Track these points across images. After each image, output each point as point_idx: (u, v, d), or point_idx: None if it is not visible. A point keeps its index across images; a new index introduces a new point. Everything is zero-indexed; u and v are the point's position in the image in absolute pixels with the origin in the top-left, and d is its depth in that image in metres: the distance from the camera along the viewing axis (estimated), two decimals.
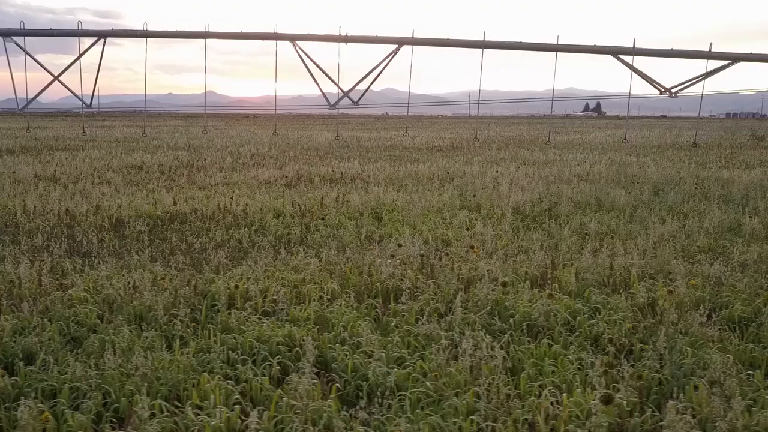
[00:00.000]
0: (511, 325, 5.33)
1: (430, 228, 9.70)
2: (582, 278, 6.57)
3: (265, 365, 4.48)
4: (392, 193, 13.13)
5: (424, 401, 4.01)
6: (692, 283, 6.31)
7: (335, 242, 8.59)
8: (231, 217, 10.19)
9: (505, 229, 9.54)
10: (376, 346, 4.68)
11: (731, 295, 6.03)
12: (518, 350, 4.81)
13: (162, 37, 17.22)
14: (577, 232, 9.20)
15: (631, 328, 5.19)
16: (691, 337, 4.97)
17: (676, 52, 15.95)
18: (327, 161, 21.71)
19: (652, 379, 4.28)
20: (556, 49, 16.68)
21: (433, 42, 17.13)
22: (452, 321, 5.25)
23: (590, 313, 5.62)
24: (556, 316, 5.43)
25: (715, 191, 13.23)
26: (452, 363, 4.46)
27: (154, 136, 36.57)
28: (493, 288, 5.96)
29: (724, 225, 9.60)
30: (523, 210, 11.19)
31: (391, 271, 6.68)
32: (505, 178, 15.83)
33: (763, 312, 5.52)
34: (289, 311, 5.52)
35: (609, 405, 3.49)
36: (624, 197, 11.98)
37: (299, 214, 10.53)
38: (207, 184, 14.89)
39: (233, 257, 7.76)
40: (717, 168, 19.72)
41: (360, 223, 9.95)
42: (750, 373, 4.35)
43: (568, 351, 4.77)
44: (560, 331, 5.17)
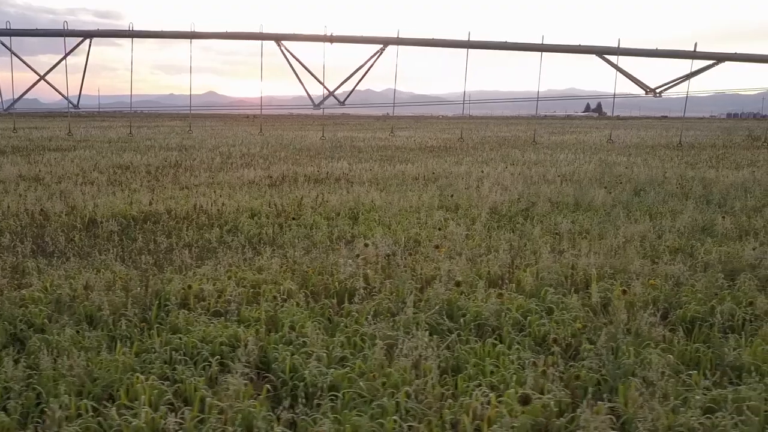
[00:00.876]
0: (461, 324, 5.31)
1: (405, 228, 9.68)
2: (541, 278, 6.54)
3: (205, 365, 4.47)
4: (374, 193, 13.10)
5: (357, 401, 3.99)
6: (651, 283, 6.29)
7: (306, 242, 8.59)
8: (205, 217, 10.18)
9: (478, 229, 9.51)
10: (318, 347, 4.66)
11: (688, 295, 6.01)
12: (463, 350, 4.79)
13: (147, 37, 17.22)
14: (549, 232, 9.17)
15: (581, 328, 5.17)
16: (638, 337, 4.95)
17: (661, 52, 15.91)
18: (317, 161, 21.69)
19: (589, 379, 4.26)
20: (541, 49, 16.66)
21: (418, 42, 17.12)
22: (400, 321, 5.24)
23: (544, 312, 5.60)
24: (507, 316, 5.41)
25: (697, 191, 13.20)
26: (394, 362, 4.45)
27: (149, 137, 36.56)
28: (448, 288, 5.94)
29: (698, 225, 9.57)
30: (500, 210, 11.17)
31: (352, 270, 6.67)
32: (489, 178, 15.81)
33: (716, 312, 5.49)
34: (240, 311, 5.51)
35: (526, 405, 3.47)
36: (603, 197, 11.94)
37: (274, 214, 10.52)
38: (190, 184, 14.88)
39: (200, 257, 7.75)
40: (706, 168, 19.67)
41: (334, 223, 9.93)
42: (690, 373, 4.33)
43: (512, 351, 4.75)
44: (509, 331, 5.15)
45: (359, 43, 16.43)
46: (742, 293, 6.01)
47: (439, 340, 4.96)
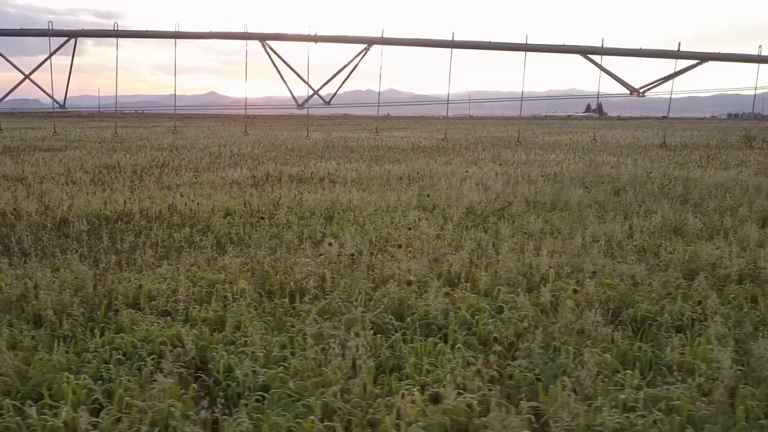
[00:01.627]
0: (408, 324, 5.29)
1: (377, 228, 9.67)
2: (498, 277, 6.53)
3: (140, 365, 4.45)
4: (355, 193, 13.10)
5: (285, 401, 3.98)
6: (607, 282, 6.28)
7: (275, 242, 8.58)
8: (178, 216, 10.18)
9: (450, 228, 9.50)
10: (258, 346, 4.65)
11: (643, 295, 5.99)
12: (405, 349, 4.78)
13: (132, 36, 17.20)
14: (520, 232, 9.16)
15: (526, 328, 5.15)
16: (582, 336, 4.94)
17: (645, 52, 15.87)
18: (306, 161, 21.68)
19: (523, 378, 4.24)
20: (526, 48, 16.63)
21: (403, 42, 17.10)
22: (344, 320, 5.23)
23: (494, 312, 5.58)
24: (454, 315, 5.40)
25: (676, 191, 13.17)
26: (331, 362, 4.44)
27: (144, 137, 36.57)
28: (400, 287, 5.93)
29: (669, 225, 9.54)
30: (476, 210, 11.16)
31: (310, 270, 6.66)
32: (473, 178, 15.80)
33: (665, 311, 5.47)
34: (188, 311, 5.50)
35: (437, 404, 3.46)
36: (581, 197, 11.92)
37: (248, 214, 10.51)
38: (173, 183, 14.88)
39: (164, 257, 7.74)
40: (694, 168, 19.63)
41: (307, 223, 9.92)
42: (626, 372, 4.31)
43: (454, 350, 4.73)
44: (455, 330, 5.13)
45: (344, 42, 16.41)
46: (695, 292, 5.98)
47: (383, 339, 4.95)
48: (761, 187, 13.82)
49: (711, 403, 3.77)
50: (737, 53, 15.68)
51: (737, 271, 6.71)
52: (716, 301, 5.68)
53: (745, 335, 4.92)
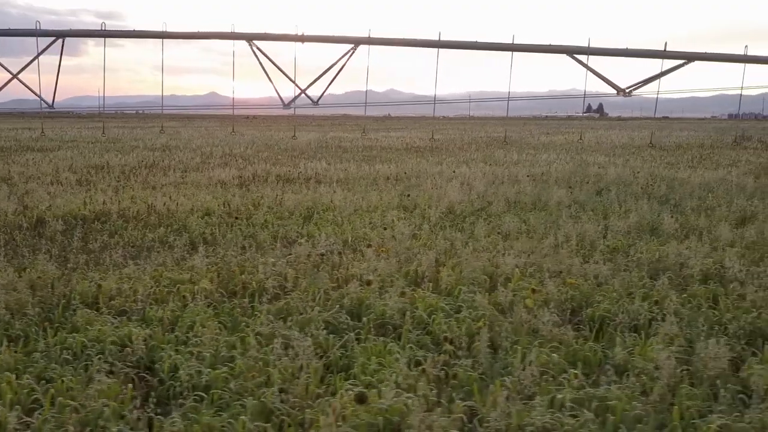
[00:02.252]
0: (364, 323, 5.28)
1: (355, 228, 9.67)
2: (463, 276, 6.52)
3: (87, 365, 4.45)
4: (339, 193, 13.09)
5: (225, 401, 3.97)
6: (570, 281, 6.27)
7: (249, 242, 8.57)
8: (156, 216, 10.18)
9: (426, 228, 9.49)
10: (206, 346, 4.65)
11: (605, 294, 5.98)
12: (356, 349, 4.77)
13: (119, 37, 17.18)
14: (494, 231, 9.15)
15: (480, 327, 5.14)
16: (531, 336, 4.93)
17: (632, 52, 15.85)
18: (297, 161, 21.67)
19: (466, 378, 4.23)
20: (512, 48, 16.63)
21: (389, 42, 17.09)
22: (301, 320, 5.22)
23: (453, 311, 5.57)
24: (413, 315, 5.39)
25: (660, 191, 13.14)
26: (278, 362, 4.43)
27: (139, 137, 36.57)
28: (361, 287, 5.93)
29: (646, 224, 9.52)
30: (456, 210, 11.14)
31: (276, 270, 6.67)
32: (459, 178, 15.79)
33: (622, 311, 5.46)
34: (146, 311, 5.49)
35: (362, 404, 3.45)
36: (561, 197, 11.90)
37: (227, 214, 10.51)
38: (159, 184, 14.87)
39: (135, 257, 7.73)
40: (684, 168, 19.60)
41: (285, 223, 9.92)
42: (570, 372, 4.30)
43: (405, 350, 4.73)
44: (409, 330, 5.13)
45: (330, 42, 16.39)
46: (656, 292, 5.97)
47: (337, 339, 4.95)
48: (745, 187, 13.80)
49: (648, 404, 3.75)
50: (723, 53, 15.65)
51: (703, 271, 6.70)
52: (675, 301, 5.66)
53: (696, 335, 4.89)
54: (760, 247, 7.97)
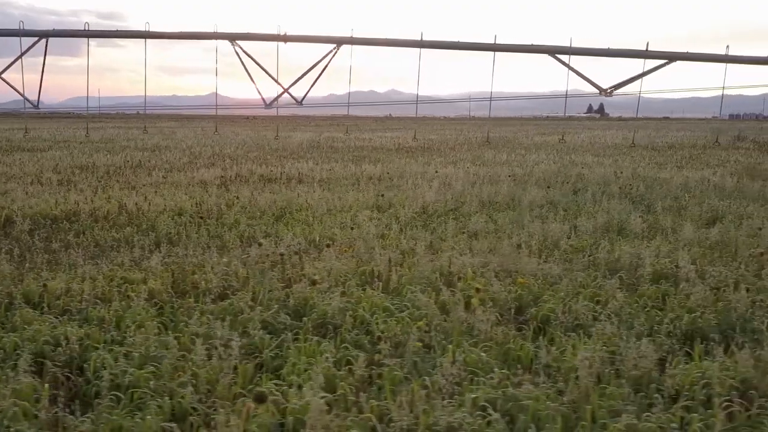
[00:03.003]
0: (303, 323, 5.27)
1: (325, 228, 9.66)
2: (414, 276, 6.51)
3: (14, 364, 4.44)
4: (318, 193, 13.09)
5: (145, 400, 3.96)
6: (520, 281, 6.25)
7: (216, 242, 8.57)
8: (126, 216, 10.18)
9: (395, 228, 9.48)
10: (137, 346, 4.64)
11: (554, 293, 5.96)
12: (290, 349, 4.76)
13: (104, 37, 17.24)
14: (460, 231, 9.14)
15: (422, 326, 5.13)
16: (467, 335, 4.92)
17: (613, 51, 15.81)
18: (284, 161, 21.67)
19: (391, 378, 4.22)
20: (494, 48, 16.58)
21: (372, 42, 17.08)
22: (241, 320, 5.22)
23: (397, 311, 5.55)
24: (355, 314, 5.38)
25: (638, 191, 13.11)
26: (209, 362, 4.42)
27: (132, 137, 36.60)
28: (308, 286, 5.92)
29: (614, 224, 9.50)
30: (429, 210, 11.14)
31: (230, 270, 6.66)
32: (441, 178, 15.78)
33: (562, 311, 5.44)
34: (88, 311, 5.49)
35: (261, 403, 3.44)
36: (535, 197, 11.88)
37: (198, 214, 10.50)
38: (140, 184, 14.87)
39: (97, 256, 7.73)
40: (671, 168, 19.57)
41: (256, 223, 9.91)
42: (502, 372, 4.28)
43: (339, 350, 4.72)
44: (347, 329, 5.12)
45: (313, 42, 16.40)
46: (603, 292, 5.95)
47: (274, 339, 4.94)
48: (725, 187, 13.76)
49: (563, 403, 3.74)
50: (705, 53, 15.61)
51: (657, 271, 6.68)
52: (620, 300, 5.65)
53: (634, 335, 4.87)
54: (721, 247, 7.94)
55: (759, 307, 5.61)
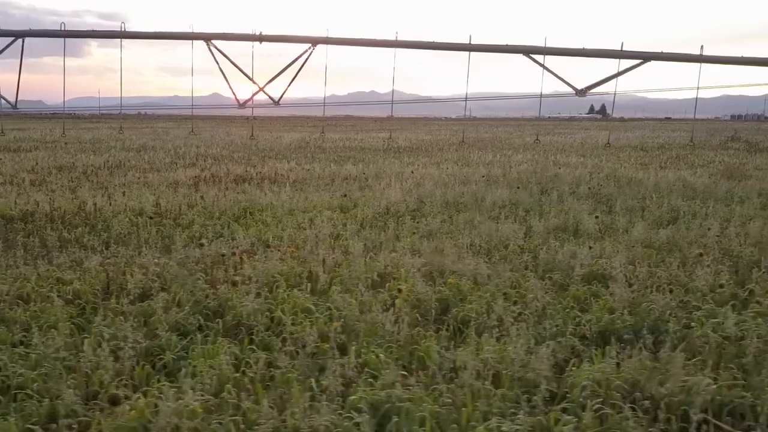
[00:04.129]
0: (216, 324, 5.23)
1: (281, 228, 9.62)
2: (349, 276, 6.46)
3: None
4: (288, 193, 13.05)
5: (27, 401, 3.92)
6: (450, 281, 6.20)
7: (166, 242, 8.53)
8: (83, 216, 10.15)
9: (350, 229, 9.43)
10: (38, 348, 4.60)
11: (480, 294, 5.90)
12: (197, 350, 4.72)
13: (79, 37, 17.19)
14: (412, 231, 9.08)
15: (336, 327, 5.08)
16: (370, 336, 4.87)
17: (588, 51, 15.72)
18: (267, 162, 21.64)
19: (284, 380, 4.17)
20: (469, 48, 16.51)
21: (347, 41, 17.03)
22: (154, 320, 5.18)
23: (319, 312, 5.50)
24: (272, 316, 5.34)
25: (607, 192, 13.04)
26: (107, 363, 4.38)
27: (125, 137, 36.60)
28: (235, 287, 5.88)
29: (570, 225, 9.43)
30: (392, 210, 11.08)
31: (157, 270, 6.63)
32: (416, 178, 15.74)
33: (492, 311, 5.38)
34: (5, 312, 5.45)
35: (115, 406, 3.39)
36: (502, 198, 11.82)
37: (156, 214, 10.46)
38: (112, 184, 14.84)
39: (43, 256, 7.69)
40: (654, 169, 19.48)
41: (212, 223, 9.87)
42: (401, 372, 4.23)
43: (245, 352, 4.67)
44: (260, 330, 5.07)
45: (288, 42, 16.37)
46: (528, 292, 5.89)
47: (182, 341, 4.90)
48: (695, 187, 13.69)
49: (443, 405, 3.69)
50: (679, 53, 15.52)
51: (594, 271, 6.62)
52: (543, 301, 5.59)
53: (546, 336, 4.82)
54: (669, 247, 7.88)
55: (683, 308, 5.55)
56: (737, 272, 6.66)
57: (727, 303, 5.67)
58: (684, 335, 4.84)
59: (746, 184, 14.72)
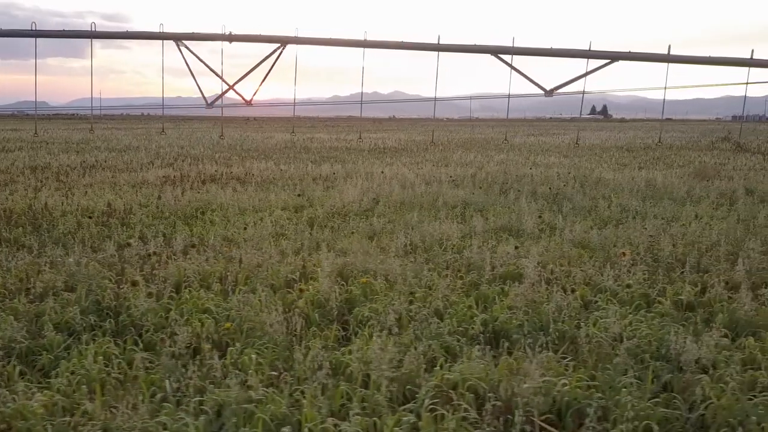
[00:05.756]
0: (108, 324, 5.19)
1: (227, 227, 9.60)
2: (266, 276, 6.43)
3: None
4: (250, 193, 13.03)
5: None
6: (362, 281, 6.16)
7: (105, 243, 8.52)
8: (30, 215, 10.14)
9: (298, 228, 9.41)
10: None
11: (387, 294, 5.85)
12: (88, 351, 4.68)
13: (50, 37, 17.24)
14: (351, 231, 9.05)
15: (227, 328, 5.04)
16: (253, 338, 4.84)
17: (556, 51, 15.65)
18: (246, 162, 21.63)
19: (152, 381, 4.13)
20: (438, 48, 16.45)
21: (316, 41, 17.00)
22: (41, 321, 5.15)
23: (218, 312, 5.47)
24: (167, 316, 5.31)
25: (566, 192, 12.97)
26: None
27: (117, 138, 36.67)
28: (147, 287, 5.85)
29: (512, 225, 9.37)
30: (346, 209, 11.05)
31: (73, 270, 6.61)
32: (384, 178, 15.70)
33: (393, 311, 5.34)
34: None
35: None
36: (456, 198, 11.77)
37: (106, 214, 10.45)
38: (81, 184, 14.84)
39: None
40: (631, 169, 19.40)
41: (156, 223, 9.85)
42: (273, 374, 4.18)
43: (126, 352, 4.64)
44: (148, 331, 5.04)
45: (258, 42, 16.34)
46: (438, 292, 5.84)
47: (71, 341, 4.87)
48: (658, 187, 13.62)
49: (293, 406, 3.65)
50: (647, 53, 15.41)
51: (510, 271, 6.57)
52: (444, 301, 5.55)
53: (426, 337, 4.77)
54: (602, 247, 7.81)
55: (587, 308, 5.50)
56: (657, 272, 6.60)
57: (633, 303, 5.62)
58: (573, 335, 4.78)
59: (714, 184, 14.63)
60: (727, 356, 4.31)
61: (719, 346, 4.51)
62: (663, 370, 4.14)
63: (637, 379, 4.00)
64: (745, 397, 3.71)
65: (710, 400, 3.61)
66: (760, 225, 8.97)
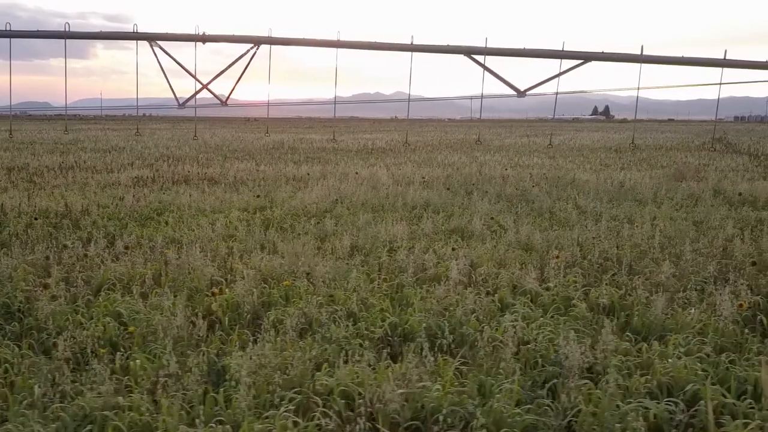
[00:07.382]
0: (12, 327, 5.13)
1: (179, 229, 9.53)
2: (188, 279, 6.36)
3: None
4: (217, 194, 12.96)
5: None
6: (286, 283, 6.09)
7: (52, 243, 8.46)
8: None
9: (250, 229, 9.34)
10: None
11: (308, 295, 5.78)
12: None
13: (22, 37, 17.20)
14: (305, 232, 8.98)
15: (133, 331, 4.98)
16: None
17: (529, 52, 15.53)
18: (226, 162, 21.58)
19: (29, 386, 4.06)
20: (411, 49, 16.36)
21: (290, 41, 16.91)
22: None
23: (131, 315, 5.40)
24: (74, 318, 5.24)
25: (533, 193, 12.87)
26: None
27: (104, 138, 36.68)
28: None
29: (463, 226, 9.28)
30: (307, 210, 10.98)
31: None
32: (358, 179, 15.63)
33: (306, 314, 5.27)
34: None
35: None
36: (414, 198, 11.69)
37: (62, 214, 10.39)
38: (51, 184, 14.81)
39: None
40: (615, 170, 19.30)
41: (112, 224, 9.79)
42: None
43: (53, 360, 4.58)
44: (49, 334, 4.97)
45: (231, 42, 16.29)
46: (358, 294, 5.76)
47: None
48: (623, 188, 13.51)
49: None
50: (620, 53, 15.30)
51: (440, 272, 6.49)
52: (358, 304, 5.47)
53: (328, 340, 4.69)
54: (546, 249, 7.72)
55: (503, 310, 5.42)
56: (589, 274, 6.51)
57: (553, 305, 5.54)
58: (474, 339, 4.69)
59: (689, 185, 14.52)
60: (621, 361, 4.22)
61: (620, 351, 4.42)
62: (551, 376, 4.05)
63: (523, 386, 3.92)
64: (624, 404, 3.62)
65: (578, 407, 3.52)
66: (711, 227, 8.86)
